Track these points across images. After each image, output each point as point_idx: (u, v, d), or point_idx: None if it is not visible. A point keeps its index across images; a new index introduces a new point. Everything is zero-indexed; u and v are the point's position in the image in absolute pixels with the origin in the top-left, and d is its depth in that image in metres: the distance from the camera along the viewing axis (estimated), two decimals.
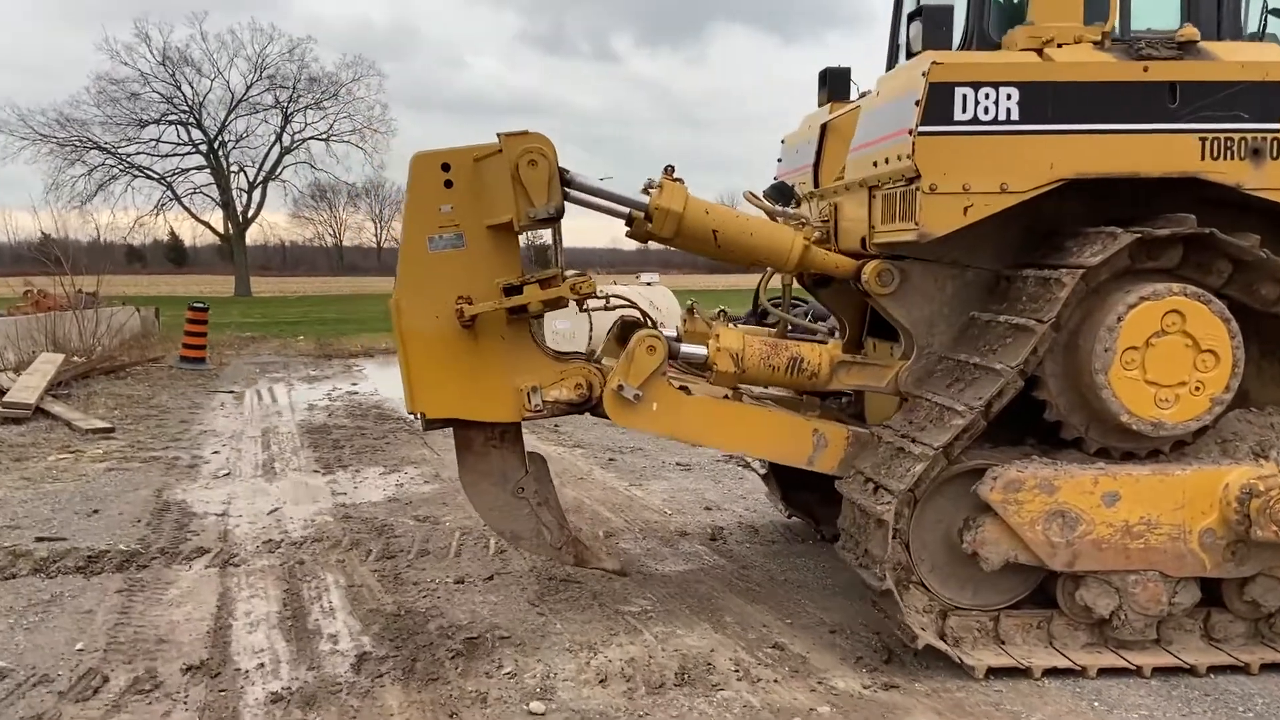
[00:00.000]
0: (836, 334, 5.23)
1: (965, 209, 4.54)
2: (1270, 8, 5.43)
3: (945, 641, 4.66)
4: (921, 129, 4.45)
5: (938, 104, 4.45)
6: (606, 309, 5.43)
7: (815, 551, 6.52)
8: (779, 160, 6.88)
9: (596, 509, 7.58)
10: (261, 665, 4.81)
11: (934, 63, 4.45)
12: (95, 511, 7.71)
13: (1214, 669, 4.60)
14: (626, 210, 5.50)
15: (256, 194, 55.86)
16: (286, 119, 53.99)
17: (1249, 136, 4.54)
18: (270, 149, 54.76)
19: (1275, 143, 4.54)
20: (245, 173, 55.24)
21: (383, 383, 15.98)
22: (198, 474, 9.22)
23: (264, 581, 6.07)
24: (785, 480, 6.76)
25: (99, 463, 9.59)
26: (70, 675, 4.67)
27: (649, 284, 16.61)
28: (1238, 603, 4.73)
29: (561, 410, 5.21)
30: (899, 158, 4.60)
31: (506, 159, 4.83)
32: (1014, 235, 4.99)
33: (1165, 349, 4.46)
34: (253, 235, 59.81)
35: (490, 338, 5.07)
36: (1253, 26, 5.26)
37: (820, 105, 6.48)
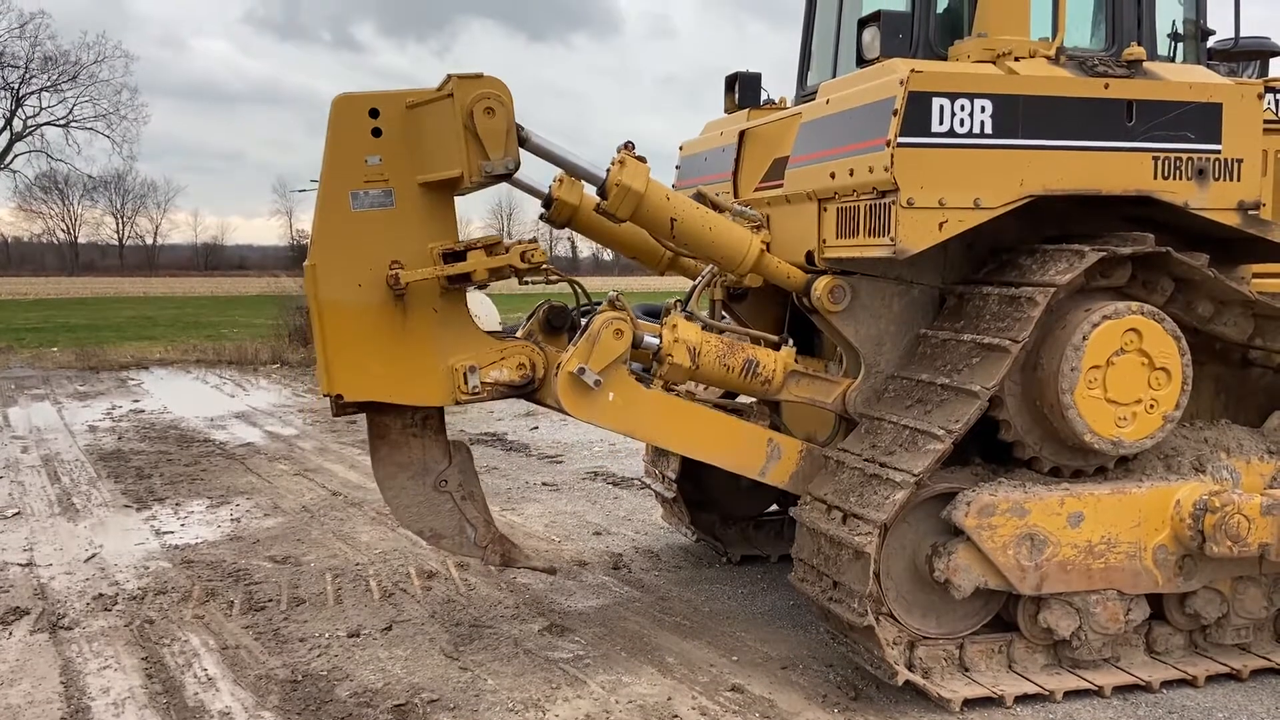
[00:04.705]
0: (790, 341, 4.96)
1: (941, 224, 4.36)
2: (1169, 32, 5.62)
3: (914, 673, 4.48)
4: (900, 140, 4.24)
5: (916, 114, 4.25)
6: (548, 284, 4.94)
7: (726, 577, 6.23)
8: (677, 168, 6.55)
9: None
10: None
11: (914, 71, 4.25)
12: None
13: (1165, 684, 4.64)
14: (546, 191, 5.01)
15: None
16: (18, 102, 48.71)
17: (1195, 157, 4.62)
18: None
19: (1217, 164, 4.64)
20: None
21: (170, 399, 14.48)
22: None
23: (111, 648, 5.14)
24: (691, 501, 6.44)
25: None
26: None
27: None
28: (1179, 615, 4.81)
29: (500, 393, 4.71)
30: (870, 169, 4.37)
31: (457, 105, 4.28)
32: (955, 252, 4.89)
33: (1124, 367, 4.45)
34: None
35: (421, 310, 4.51)
36: (1162, 50, 5.41)
37: (728, 111, 6.19)
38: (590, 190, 4.76)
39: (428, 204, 4.45)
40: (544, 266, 4.66)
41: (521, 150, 4.43)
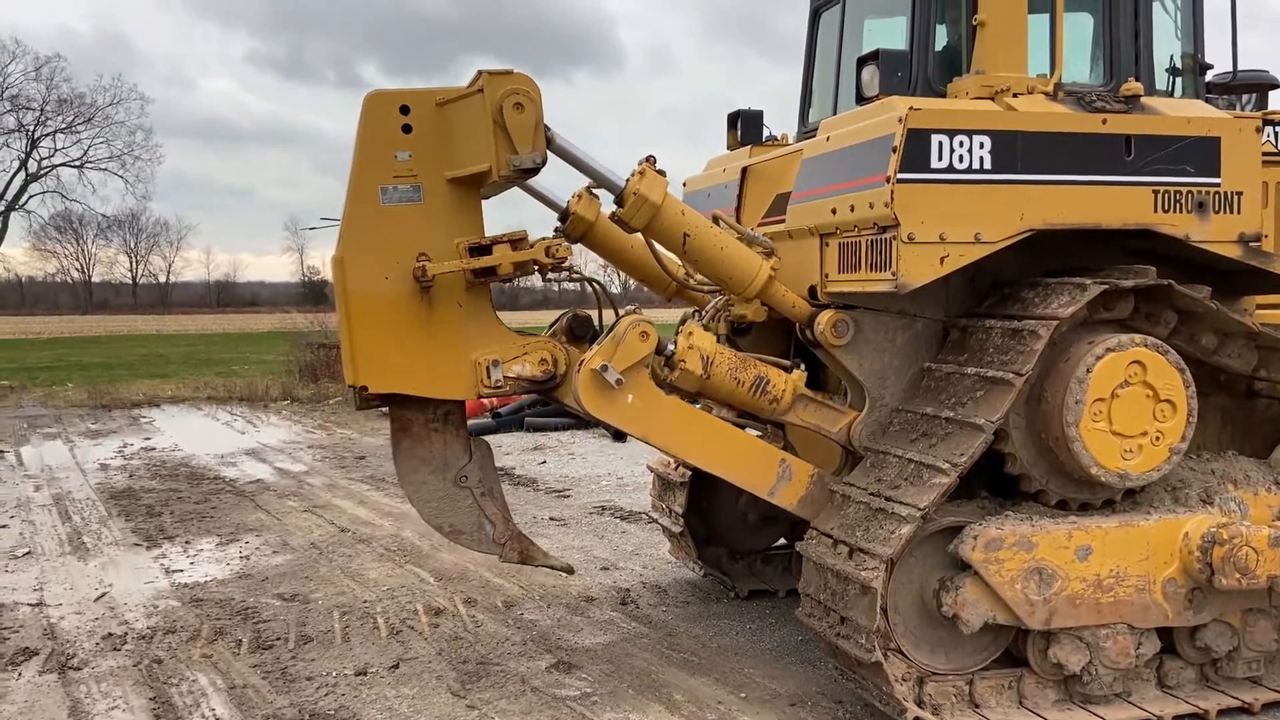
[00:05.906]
0: (801, 365, 4.98)
1: (942, 259, 4.39)
2: (1167, 66, 5.66)
3: (924, 709, 4.45)
4: (900, 176, 4.28)
5: (915, 151, 4.29)
6: (569, 280, 4.99)
7: (734, 611, 6.20)
8: None
9: (484, 575, 6.98)
10: None
11: (912, 108, 4.29)
12: None
13: (1176, 718, 4.60)
14: (563, 205, 5.05)
15: None
16: (33, 144, 49.34)
17: (1194, 190, 4.64)
18: (14, 176, 49.86)
19: (1217, 197, 4.66)
20: None
21: (181, 436, 14.53)
22: None
23: (119, 688, 5.14)
24: (699, 536, 6.43)
25: None
26: None
27: None
28: (1189, 649, 4.77)
29: (523, 387, 4.77)
30: (871, 205, 4.40)
31: (487, 100, 4.35)
32: (956, 286, 4.91)
33: (1129, 400, 4.45)
34: None
35: (446, 304, 4.59)
36: (1160, 84, 5.45)
37: (730, 148, 6.26)
38: (607, 206, 4.82)
39: (455, 199, 4.55)
40: (566, 264, 4.71)
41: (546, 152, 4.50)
